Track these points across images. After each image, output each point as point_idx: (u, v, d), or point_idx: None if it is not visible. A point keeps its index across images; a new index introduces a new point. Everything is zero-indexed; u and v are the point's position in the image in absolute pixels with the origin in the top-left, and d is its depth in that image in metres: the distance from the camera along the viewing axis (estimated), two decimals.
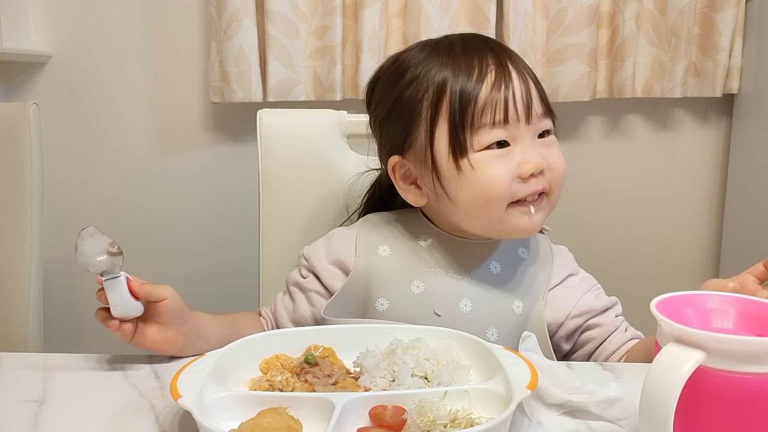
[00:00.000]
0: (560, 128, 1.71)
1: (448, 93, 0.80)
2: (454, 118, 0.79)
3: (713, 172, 1.67)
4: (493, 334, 0.82)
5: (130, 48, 1.67)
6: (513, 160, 0.80)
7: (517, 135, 0.80)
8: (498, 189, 0.79)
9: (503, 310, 0.84)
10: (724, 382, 0.47)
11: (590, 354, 0.88)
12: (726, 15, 1.50)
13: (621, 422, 0.60)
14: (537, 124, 0.81)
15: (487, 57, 0.81)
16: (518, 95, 0.79)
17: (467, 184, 0.80)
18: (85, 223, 1.90)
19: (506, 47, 0.85)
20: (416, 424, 0.57)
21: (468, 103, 0.79)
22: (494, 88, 0.79)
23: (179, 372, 0.63)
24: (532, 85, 0.81)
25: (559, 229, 1.70)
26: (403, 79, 0.84)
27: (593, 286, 0.91)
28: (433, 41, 0.86)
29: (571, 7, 1.50)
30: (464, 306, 0.82)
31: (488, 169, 0.79)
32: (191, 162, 1.71)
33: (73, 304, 1.77)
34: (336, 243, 0.89)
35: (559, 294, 0.87)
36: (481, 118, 0.79)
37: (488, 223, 0.82)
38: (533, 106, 0.80)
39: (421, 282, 0.84)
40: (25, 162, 1.09)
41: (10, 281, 1.09)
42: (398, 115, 0.84)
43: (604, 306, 0.88)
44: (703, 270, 1.71)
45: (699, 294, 0.56)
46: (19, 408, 0.67)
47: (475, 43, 0.83)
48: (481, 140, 0.79)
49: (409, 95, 0.83)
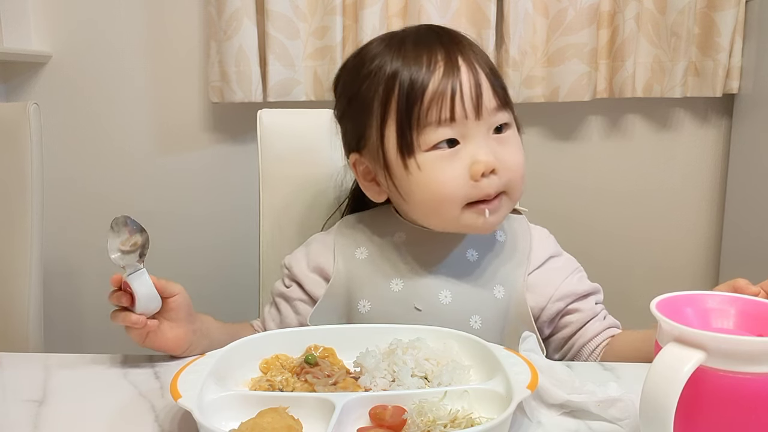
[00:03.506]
0: (560, 128, 1.73)
1: (396, 91, 0.78)
2: (401, 117, 0.77)
3: (713, 172, 1.67)
4: (476, 322, 0.82)
5: (130, 48, 1.67)
6: (463, 160, 0.77)
7: (466, 132, 0.77)
8: (447, 191, 0.78)
9: (484, 297, 0.83)
10: (724, 382, 0.47)
11: (567, 338, 0.87)
12: (726, 15, 1.50)
13: (621, 422, 0.60)
14: (489, 119, 0.78)
15: (436, 52, 0.78)
16: (466, 90, 0.77)
17: (417, 185, 0.79)
18: (85, 223, 1.90)
19: (460, 39, 0.82)
20: (416, 424, 0.57)
21: (413, 101, 0.77)
22: (440, 84, 0.76)
23: (179, 372, 0.63)
24: (483, 78, 0.78)
25: (558, 229, 1.70)
26: (360, 74, 0.82)
27: (576, 268, 0.90)
28: (390, 35, 0.84)
29: (571, 7, 1.50)
30: (444, 298, 0.82)
31: (436, 171, 0.77)
32: (191, 162, 1.71)
33: (73, 304, 1.77)
34: (314, 250, 0.89)
35: (540, 277, 0.86)
36: (426, 116, 0.76)
37: (444, 222, 0.81)
38: (483, 101, 0.77)
39: (400, 279, 0.83)
40: (25, 162, 1.09)
41: (10, 281, 1.09)
42: (354, 111, 0.84)
43: (587, 290, 0.87)
44: (703, 270, 1.71)
45: (699, 294, 0.56)
46: (19, 408, 0.67)
47: (426, 37, 0.81)
48: (428, 139, 0.77)
49: (363, 92, 0.81)
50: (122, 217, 0.74)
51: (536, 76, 1.55)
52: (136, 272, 0.73)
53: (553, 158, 1.67)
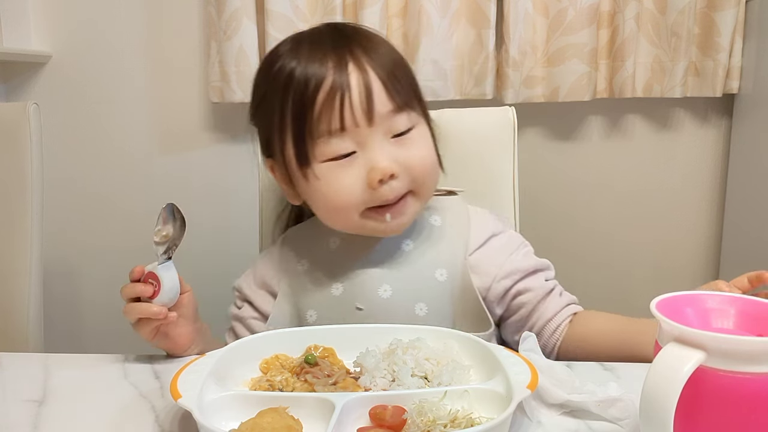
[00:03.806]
0: (560, 128, 1.72)
1: (290, 102, 0.77)
2: (295, 128, 0.77)
3: (713, 172, 1.67)
4: (422, 309, 0.82)
5: (130, 48, 1.67)
6: (360, 168, 0.77)
7: (361, 139, 0.77)
8: (343, 200, 0.78)
9: (426, 282, 0.83)
10: (724, 382, 0.47)
11: (525, 319, 0.85)
12: (726, 15, 1.50)
13: (621, 422, 0.60)
14: (385, 124, 0.77)
15: (327, 60, 0.76)
16: (355, 98, 0.75)
17: (316, 193, 0.79)
18: (85, 223, 1.90)
19: (357, 41, 0.79)
20: (416, 424, 0.57)
21: (304, 112, 0.76)
22: (329, 94, 0.75)
23: (179, 372, 0.63)
24: (376, 83, 0.76)
25: (559, 229, 1.70)
26: (266, 77, 0.82)
27: (520, 244, 0.89)
28: (296, 37, 0.83)
29: (572, 7, 1.50)
30: (384, 292, 0.82)
31: (332, 181, 0.77)
32: (191, 162, 1.71)
33: (73, 304, 1.77)
34: (260, 269, 0.90)
35: (482, 256, 0.86)
36: (318, 127, 0.76)
37: (350, 227, 0.82)
38: (375, 107, 0.76)
39: (339, 283, 0.84)
40: (25, 162, 1.09)
41: (10, 281, 1.09)
42: (261, 116, 0.84)
43: (533, 266, 0.86)
44: (704, 270, 1.71)
45: (699, 294, 0.56)
46: (19, 408, 0.67)
47: (319, 42, 0.79)
48: (323, 151, 0.77)
49: (267, 97, 0.81)
50: (168, 206, 0.76)
51: (536, 76, 1.55)
52: (167, 263, 0.75)
53: (553, 158, 1.67)
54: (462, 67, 1.56)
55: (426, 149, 0.81)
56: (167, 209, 0.76)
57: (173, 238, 0.75)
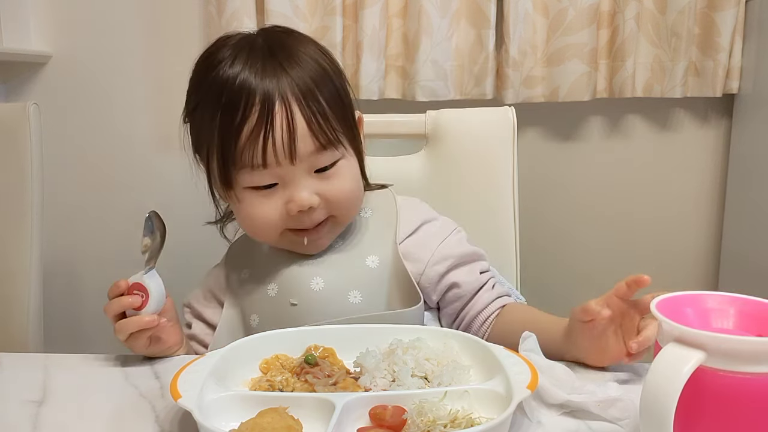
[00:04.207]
0: (560, 128, 1.72)
1: (218, 127, 0.78)
2: (220, 152, 0.79)
3: (713, 172, 1.67)
4: (356, 296, 0.83)
5: (130, 48, 1.67)
6: (279, 199, 0.79)
7: (283, 174, 0.78)
8: (263, 225, 0.81)
9: (357, 270, 0.85)
10: (724, 382, 0.47)
11: (459, 311, 0.88)
12: (726, 15, 1.50)
13: (621, 422, 0.60)
14: (307, 161, 0.79)
15: (257, 90, 0.76)
16: (278, 137, 0.76)
17: (238, 213, 0.83)
18: (84, 223, 1.90)
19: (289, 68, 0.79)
20: (416, 424, 0.57)
21: (229, 143, 0.77)
22: (254, 130, 0.76)
23: (179, 372, 0.63)
24: (300, 122, 0.77)
25: (558, 229, 1.70)
26: (202, 85, 0.82)
27: (453, 230, 0.92)
28: (236, 48, 0.82)
29: (572, 6, 1.50)
30: (316, 285, 0.83)
31: (252, 207, 0.80)
32: (191, 162, 1.71)
33: (73, 304, 1.77)
34: (209, 283, 0.93)
35: (415, 242, 0.88)
36: (241, 158, 0.77)
37: (270, 242, 0.85)
38: (297, 147, 0.77)
39: (274, 283, 0.85)
40: (25, 162, 1.09)
41: (10, 280, 1.09)
42: (193, 122, 0.85)
43: (465, 253, 0.89)
44: (704, 270, 1.71)
45: (699, 294, 0.56)
46: (19, 408, 0.67)
47: (253, 65, 0.78)
48: (245, 179, 0.79)
49: (200, 107, 0.82)
50: (149, 214, 0.78)
51: (536, 76, 1.55)
52: (152, 271, 0.76)
53: (553, 158, 1.67)
54: (462, 67, 1.56)
55: (348, 181, 0.83)
56: (149, 218, 0.76)
57: (152, 249, 0.76)
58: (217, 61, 0.81)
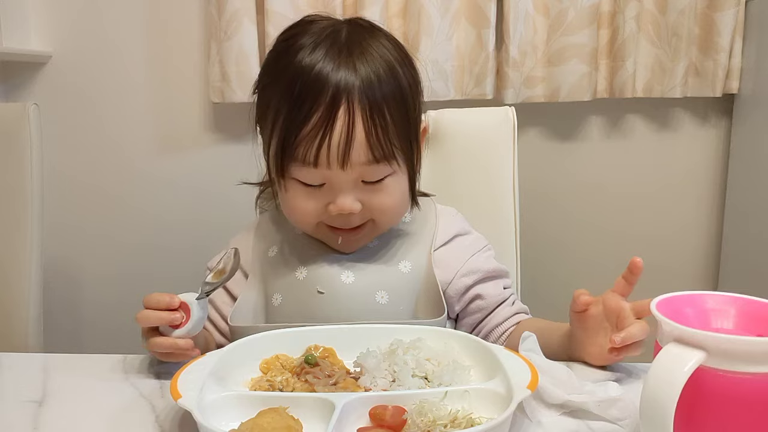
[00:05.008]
0: (560, 128, 1.72)
1: (283, 113, 0.79)
2: (279, 140, 0.79)
3: (713, 172, 1.67)
4: (382, 297, 0.84)
5: (131, 48, 1.67)
6: (323, 198, 0.81)
7: (331, 176, 0.79)
8: (302, 216, 0.83)
9: (389, 272, 0.86)
10: (724, 382, 0.47)
11: (478, 323, 0.90)
12: (726, 15, 1.50)
13: (621, 422, 0.60)
14: (358, 170, 0.79)
15: (327, 87, 0.76)
16: (334, 143, 0.76)
17: (283, 199, 0.84)
18: (85, 223, 1.90)
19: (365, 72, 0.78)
20: (416, 424, 0.57)
21: (289, 134, 0.78)
22: (313, 129, 0.76)
23: (179, 372, 0.63)
24: (360, 134, 0.77)
25: (558, 229, 1.70)
26: (276, 66, 0.83)
27: (483, 247, 0.93)
28: (317, 32, 0.81)
29: (572, 7, 1.50)
30: (346, 278, 0.84)
31: (295, 199, 0.82)
32: (191, 162, 1.71)
33: (73, 305, 1.77)
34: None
35: (447, 253, 0.90)
36: (296, 151, 0.78)
37: (306, 231, 0.86)
38: (351, 156, 0.77)
39: (304, 267, 0.86)
40: (25, 162, 1.09)
41: (10, 280, 1.09)
42: (261, 100, 0.85)
43: (493, 269, 0.91)
44: (704, 270, 1.71)
45: (699, 294, 0.56)
46: (19, 408, 0.67)
47: (331, 59, 0.78)
48: (295, 172, 0.80)
49: (270, 88, 0.82)
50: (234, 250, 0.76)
51: (536, 76, 1.55)
52: (204, 300, 0.74)
53: (553, 158, 1.67)
54: (462, 67, 1.56)
55: (394, 197, 0.83)
56: (232, 253, 0.75)
57: (222, 281, 0.74)
58: (297, 46, 0.81)
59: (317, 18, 0.85)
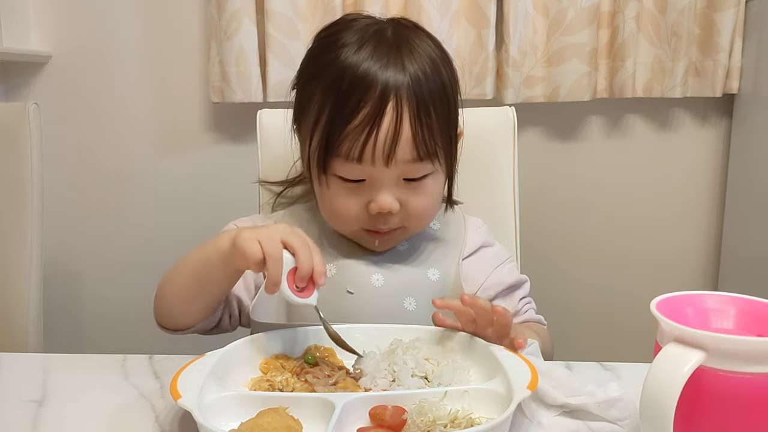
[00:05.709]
0: (560, 128, 1.72)
1: (328, 107, 0.79)
2: (323, 135, 0.79)
3: (713, 172, 1.67)
4: (411, 303, 0.84)
5: (130, 48, 1.67)
6: (363, 196, 0.81)
7: (374, 173, 0.79)
8: (342, 216, 0.83)
9: (418, 279, 0.86)
10: (724, 382, 0.47)
11: None
12: (726, 15, 1.50)
13: (621, 422, 0.61)
14: (401, 168, 0.79)
15: (375, 85, 0.77)
16: (380, 140, 0.77)
17: (322, 197, 0.84)
18: (85, 223, 1.89)
19: (413, 72, 0.79)
20: (416, 424, 0.57)
21: (334, 130, 0.78)
22: (359, 125, 0.77)
23: (179, 372, 0.63)
24: (406, 132, 0.77)
25: (558, 228, 1.70)
26: (320, 60, 0.82)
27: (506, 259, 0.94)
28: (362, 29, 0.82)
29: (572, 7, 1.50)
30: (376, 280, 0.85)
31: (337, 198, 0.82)
32: (191, 162, 1.71)
33: (73, 304, 1.77)
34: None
35: (472, 265, 0.90)
36: (340, 146, 0.78)
37: (343, 232, 0.87)
38: (396, 154, 0.77)
39: (333, 265, 0.86)
40: (25, 162, 1.09)
41: (10, 281, 1.09)
42: (301, 93, 0.85)
43: (514, 282, 0.91)
44: (704, 270, 1.71)
45: (699, 294, 0.56)
46: (19, 408, 0.67)
47: (378, 58, 0.79)
48: (337, 168, 0.80)
49: (313, 82, 0.82)
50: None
51: (536, 76, 1.55)
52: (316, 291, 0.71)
53: (553, 158, 1.67)
54: (462, 67, 1.56)
55: (431, 198, 0.84)
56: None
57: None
58: (341, 43, 0.80)
59: (358, 16, 0.86)
